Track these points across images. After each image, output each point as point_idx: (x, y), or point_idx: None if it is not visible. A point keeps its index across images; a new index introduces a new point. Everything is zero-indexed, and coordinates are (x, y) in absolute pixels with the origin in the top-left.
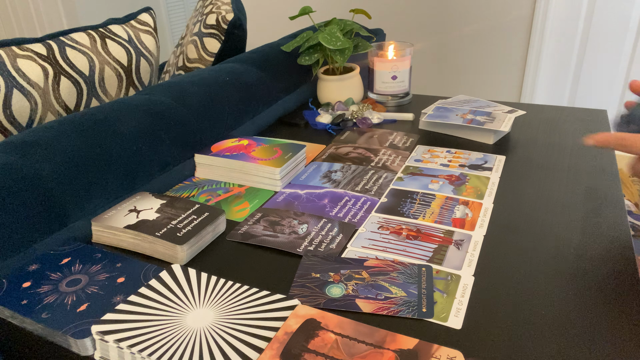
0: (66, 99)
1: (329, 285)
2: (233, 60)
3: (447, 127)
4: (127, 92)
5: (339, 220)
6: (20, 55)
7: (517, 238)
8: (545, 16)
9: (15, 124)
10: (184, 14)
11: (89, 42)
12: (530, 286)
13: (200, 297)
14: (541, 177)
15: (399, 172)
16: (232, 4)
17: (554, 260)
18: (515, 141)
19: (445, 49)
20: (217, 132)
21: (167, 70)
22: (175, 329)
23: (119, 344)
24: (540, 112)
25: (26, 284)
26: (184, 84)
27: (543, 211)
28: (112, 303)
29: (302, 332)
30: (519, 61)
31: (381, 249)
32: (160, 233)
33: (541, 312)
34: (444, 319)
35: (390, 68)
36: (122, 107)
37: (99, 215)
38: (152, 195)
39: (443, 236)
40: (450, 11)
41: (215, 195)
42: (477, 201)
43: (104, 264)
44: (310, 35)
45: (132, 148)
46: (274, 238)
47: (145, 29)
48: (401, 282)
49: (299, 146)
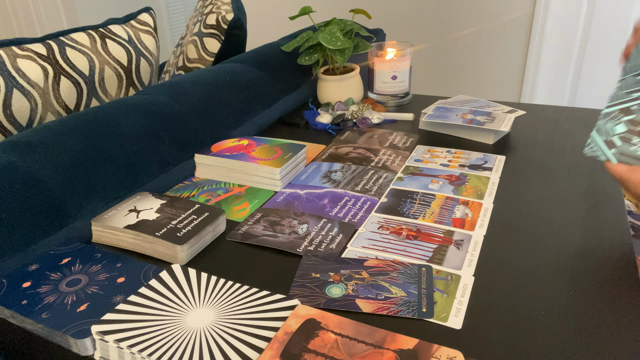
0: (66, 99)
1: (329, 285)
2: (233, 60)
3: (447, 127)
4: (127, 92)
5: (339, 220)
6: (20, 55)
7: (517, 238)
8: (545, 16)
9: (15, 124)
10: (184, 14)
11: (89, 42)
12: (530, 286)
13: (200, 297)
14: (541, 177)
15: (399, 172)
16: (232, 4)
17: (553, 260)
18: (515, 141)
19: (445, 49)
20: (217, 132)
21: (167, 70)
22: (175, 329)
23: (119, 344)
24: (540, 112)
25: (26, 284)
26: (184, 84)
27: (543, 211)
28: (112, 303)
29: (302, 332)
30: (519, 61)
31: (381, 249)
32: (160, 233)
33: (541, 312)
34: (444, 319)
35: (390, 68)
36: (122, 107)
37: (99, 215)
38: (152, 195)
39: (443, 236)
40: (451, 11)
41: (215, 195)
42: (477, 201)
43: (104, 264)
44: (310, 35)
45: (132, 148)
46: (274, 238)
47: (145, 29)
48: (401, 282)
49: (299, 146)
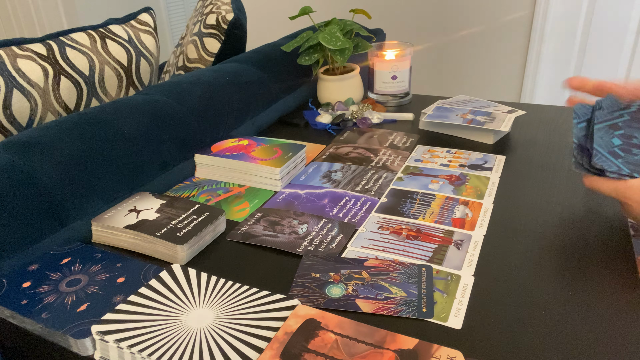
0: (66, 99)
1: (329, 285)
2: (233, 60)
3: (447, 127)
4: (127, 92)
5: (339, 220)
6: (20, 55)
7: (517, 238)
8: (545, 16)
9: (15, 124)
10: (184, 14)
11: (89, 42)
12: (530, 286)
13: (200, 297)
14: (541, 177)
15: (399, 172)
16: (232, 4)
17: (553, 260)
18: (515, 141)
19: (445, 49)
20: (217, 132)
21: (167, 70)
22: (175, 329)
23: (119, 344)
24: (540, 112)
25: (26, 284)
26: (184, 84)
27: (543, 211)
28: (112, 303)
29: (302, 332)
30: (519, 61)
31: (381, 249)
32: (160, 233)
33: (541, 312)
34: (444, 319)
35: (390, 68)
36: (122, 107)
37: (99, 215)
38: (152, 195)
39: (443, 236)
40: (451, 11)
41: (215, 195)
42: (477, 201)
43: (104, 264)
44: (310, 35)
45: (132, 148)
46: (274, 238)
47: (145, 29)
48: (401, 282)
49: (299, 146)
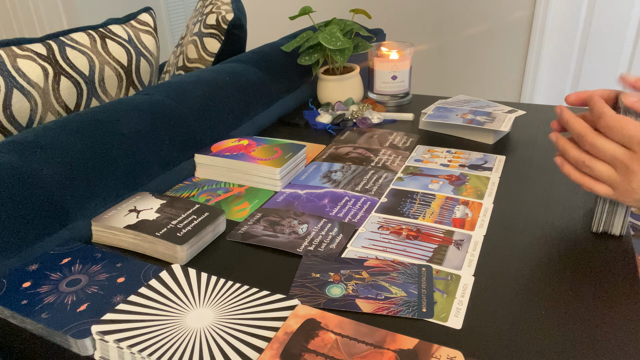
0: (66, 99)
1: (329, 285)
2: (233, 60)
3: (447, 127)
4: (127, 92)
5: (339, 220)
6: (20, 55)
7: (517, 238)
8: (545, 16)
9: (15, 124)
10: (184, 14)
11: (89, 42)
12: (530, 286)
13: (200, 297)
14: (541, 177)
15: (399, 172)
16: (232, 4)
17: (553, 260)
18: (515, 141)
19: (445, 49)
20: (217, 132)
21: (167, 70)
22: (175, 329)
23: (119, 344)
24: (540, 112)
25: (26, 284)
26: (184, 84)
27: (543, 211)
28: (112, 303)
29: (302, 332)
30: (519, 61)
31: (381, 249)
32: (160, 233)
33: (541, 312)
34: (444, 319)
35: (390, 68)
36: (122, 107)
37: (99, 215)
38: (152, 195)
39: (443, 236)
40: (451, 11)
41: (215, 195)
42: (477, 201)
43: (104, 264)
44: (310, 35)
45: (132, 148)
46: (274, 238)
47: (145, 29)
48: (401, 282)
49: (299, 146)
